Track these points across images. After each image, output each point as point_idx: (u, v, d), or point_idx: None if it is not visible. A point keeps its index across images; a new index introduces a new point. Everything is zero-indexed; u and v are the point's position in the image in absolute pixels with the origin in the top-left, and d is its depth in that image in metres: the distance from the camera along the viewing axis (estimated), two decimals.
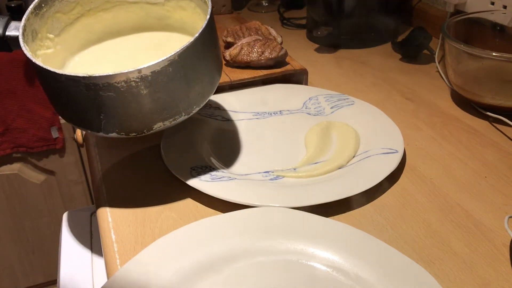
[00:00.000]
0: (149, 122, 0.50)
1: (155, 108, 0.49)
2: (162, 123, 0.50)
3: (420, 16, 0.98)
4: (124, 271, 0.41)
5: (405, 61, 0.86)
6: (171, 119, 0.50)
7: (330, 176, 0.54)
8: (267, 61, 0.71)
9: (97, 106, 0.47)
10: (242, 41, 0.74)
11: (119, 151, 0.61)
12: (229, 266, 0.42)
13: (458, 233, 0.47)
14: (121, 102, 0.47)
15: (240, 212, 0.47)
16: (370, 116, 0.64)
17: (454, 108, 0.69)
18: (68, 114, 0.51)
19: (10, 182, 1.29)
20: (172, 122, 0.51)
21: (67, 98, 0.48)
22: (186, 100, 0.51)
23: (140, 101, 0.48)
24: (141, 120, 0.49)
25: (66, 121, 0.52)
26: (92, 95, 0.46)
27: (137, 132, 0.50)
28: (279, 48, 0.72)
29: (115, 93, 0.46)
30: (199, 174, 0.53)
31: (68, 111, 0.51)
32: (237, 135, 0.62)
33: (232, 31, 0.79)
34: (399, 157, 0.55)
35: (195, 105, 0.52)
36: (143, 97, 0.47)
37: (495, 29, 0.75)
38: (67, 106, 0.50)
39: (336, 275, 0.41)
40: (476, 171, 0.56)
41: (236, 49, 0.72)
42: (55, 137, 1.28)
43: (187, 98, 0.51)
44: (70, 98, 0.47)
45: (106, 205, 0.52)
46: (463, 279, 0.42)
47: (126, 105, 0.48)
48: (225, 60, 0.73)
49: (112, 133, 0.50)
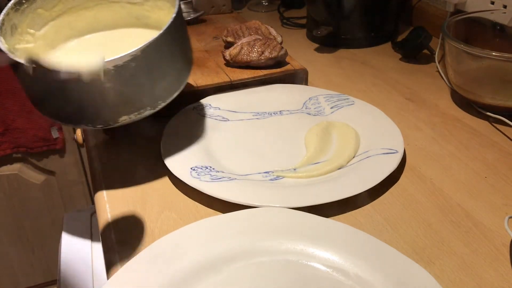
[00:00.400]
0: (114, 115, 0.51)
1: (119, 101, 0.51)
2: (127, 116, 0.52)
3: (420, 16, 0.98)
4: (124, 271, 0.41)
5: (405, 61, 0.85)
6: (136, 113, 0.52)
7: (330, 176, 0.54)
8: (267, 61, 0.71)
9: (65, 97, 0.50)
10: (242, 40, 0.74)
11: (119, 151, 0.61)
12: (229, 266, 0.42)
13: (458, 233, 0.47)
14: (87, 94, 0.50)
15: (240, 212, 0.47)
16: (370, 116, 0.64)
17: (454, 108, 0.69)
18: (42, 106, 0.53)
19: (10, 182, 1.29)
20: (137, 115, 0.52)
21: (38, 90, 0.50)
22: (151, 95, 0.52)
23: (104, 94, 0.50)
24: (107, 112, 0.51)
25: (42, 113, 0.54)
26: (60, 87, 0.49)
27: (103, 124, 0.52)
28: (279, 47, 0.72)
29: (81, 85, 0.48)
30: (199, 174, 0.53)
31: (42, 103, 0.53)
32: (237, 135, 0.62)
33: (232, 30, 0.79)
34: (399, 157, 0.55)
35: (161, 100, 0.53)
36: (107, 90, 0.49)
37: (495, 28, 0.75)
38: (39, 98, 0.52)
39: (336, 275, 0.41)
40: (476, 171, 0.56)
41: (236, 49, 0.72)
42: (55, 137, 1.28)
43: (151, 93, 0.52)
44: (41, 90, 0.49)
45: (106, 205, 0.52)
46: (463, 279, 0.42)
47: (91, 98, 0.50)
48: (225, 59, 0.73)
49: (81, 124, 0.53)
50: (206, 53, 0.79)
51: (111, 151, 0.61)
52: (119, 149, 0.62)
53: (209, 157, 0.57)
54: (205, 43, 0.83)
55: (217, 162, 0.56)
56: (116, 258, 0.45)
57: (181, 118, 0.64)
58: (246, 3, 1.21)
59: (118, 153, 0.61)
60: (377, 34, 0.93)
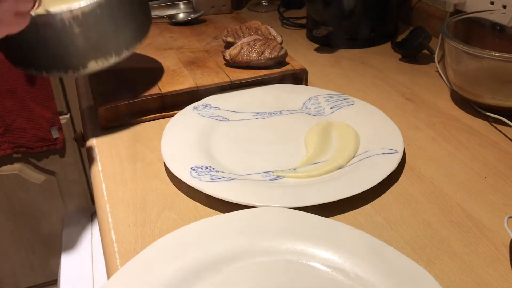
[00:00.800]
0: (83, 60, 0.59)
1: (87, 46, 0.58)
2: (95, 61, 0.59)
3: (419, 16, 0.98)
4: (124, 271, 0.41)
5: (405, 61, 0.86)
6: (103, 59, 0.60)
7: (330, 176, 0.54)
8: (267, 61, 0.71)
9: (38, 44, 0.57)
10: (242, 40, 0.74)
11: (119, 150, 0.61)
12: (229, 266, 0.42)
13: (458, 233, 0.47)
14: (57, 39, 0.57)
15: (240, 212, 0.47)
16: (370, 116, 0.64)
17: (454, 108, 0.69)
18: (14, 56, 0.60)
19: (10, 182, 1.29)
20: (104, 62, 0.60)
21: (11, 38, 0.53)
22: (116, 41, 0.60)
23: (73, 39, 0.57)
24: (76, 57, 0.58)
25: (14, 65, 0.61)
26: (34, 33, 0.55)
27: (73, 70, 0.59)
28: (279, 48, 0.72)
29: (52, 30, 0.56)
30: (199, 174, 0.53)
31: (14, 52, 0.60)
32: (237, 135, 0.62)
33: (232, 30, 0.79)
34: (399, 157, 0.55)
35: (125, 48, 0.61)
36: (76, 35, 0.57)
37: (495, 29, 0.75)
38: (12, 47, 0.59)
39: (336, 275, 0.41)
40: (476, 171, 0.56)
41: (236, 49, 0.72)
42: (55, 137, 1.28)
43: (116, 40, 0.60)
44: (14, 37, 0.52)
45: (106, 205, 0.52)
46: (463, 279, 0.42)
47: (62, 43, 0.57)
48: (225, 60, 0.73)
49: (53, 71, 0.59)
50: (206, 53, 0.79)
51: (111, 151, 0.61)
52: (119, 148, 0.62)
53: (209, 157, 0.57)
54: (205, 43, 0.83)
55: (217, 162, 0.57)
56: (116, 258, 0.45)
57: (181, 118, 0.64)
58: (246, 3, 1.21)
59: (118, 153, 0.61)
60: (377, 34, 0.93)
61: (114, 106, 0.65)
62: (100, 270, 0.75)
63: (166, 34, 0.88)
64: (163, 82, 0.69)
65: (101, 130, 0.66)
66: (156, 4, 0.97)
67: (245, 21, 0.90)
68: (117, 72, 0.72)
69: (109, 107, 0.65)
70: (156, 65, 0.75)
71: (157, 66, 0.74)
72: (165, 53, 0.79)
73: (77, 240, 0.83)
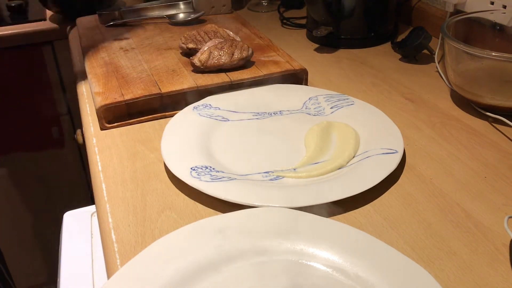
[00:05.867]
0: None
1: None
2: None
3: (419, 16, 0.98)
4: (124, 271, 0.41)
5: (405, 61, 0.86)
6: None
7: (330, 176, 0.54)
8: (239, 62, 0.71)
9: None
10: (208, 45, 0.73)
11: (119, 150, 0.61)
12: (228, 266, 0.42)
13: (458, 233, 0.47)
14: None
15: (240, 212, 0.47)
16: (370, 116, 0.64)
17: (454, 108, 0.69)
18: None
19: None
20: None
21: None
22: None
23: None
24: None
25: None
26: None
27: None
28: (246, 47, 0.72)
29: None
30: (199, 174, 0.53)
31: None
32: (237, 135, 0.62)
33: (189, 36, 0.78)
34: (399, 157, 0.55)
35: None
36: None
37: (495, 29, 0.75)
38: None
39: (336, 275, 0.41)
40: (476, 171, 0.56)
41: (205, 54, 0.70)
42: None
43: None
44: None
45: (106, 205, 0.52)
46: (463, 279, 0.42)
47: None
48: (194, 66, 0.71)
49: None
50: None
51: (111, 151, 0.61)
52: (119, 148, 0.62)
53: (209, 157, 0.57)
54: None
55: (217, 162, 0.57)
56: (116, 258, 0.45)
57: (181, 118, 0.64)
58: (246, 3, 1.21)
59: (118, 152, 0.61)
60: (377, 34, 0.93)
61: (114, 106, 0.65)
62: (100, 270, 0.75)
63: (166, 34, 0.88)
64: (163, 82, 0.69)
65: (101, 130, 0.66)
66: (156, 4, 0.97)
67: (246, 22, 0.90)
68: (117, 72, 0.72)
69: (109, 107, 0.65)
70: (156, 65, 0.75)
71: (157, 66, 0.74)
72: (165, 53, 0.79)
73: (77, 240, 0.83)
